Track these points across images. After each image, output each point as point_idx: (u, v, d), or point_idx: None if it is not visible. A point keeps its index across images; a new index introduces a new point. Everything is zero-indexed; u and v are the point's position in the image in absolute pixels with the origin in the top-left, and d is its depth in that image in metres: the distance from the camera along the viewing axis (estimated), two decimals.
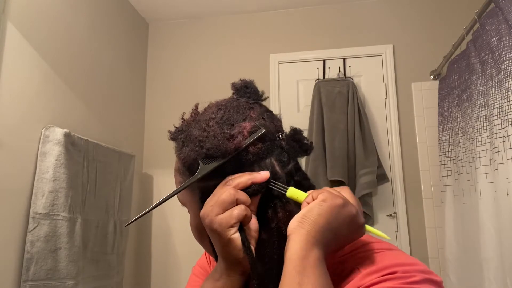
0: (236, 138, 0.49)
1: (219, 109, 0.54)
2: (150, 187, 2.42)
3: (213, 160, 0.49)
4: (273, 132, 0.53)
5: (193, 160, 0.50)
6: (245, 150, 0.50)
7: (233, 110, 0.53)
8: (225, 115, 0.52)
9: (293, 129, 0.57)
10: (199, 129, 0.52)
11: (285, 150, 0.54)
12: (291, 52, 2.45)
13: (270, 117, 0.55)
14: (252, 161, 0.50)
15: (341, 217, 0.46)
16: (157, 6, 2.47)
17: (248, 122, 0.51)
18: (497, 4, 1.39)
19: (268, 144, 0.52)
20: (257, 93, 0.58)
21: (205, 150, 0.49)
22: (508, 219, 1.30)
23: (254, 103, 0.56)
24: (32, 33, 1.55)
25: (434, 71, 2.22)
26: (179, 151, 0.53)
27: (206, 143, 0.49)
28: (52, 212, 1.49)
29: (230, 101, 0.56)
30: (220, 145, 0.49)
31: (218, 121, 0.52)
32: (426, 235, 2.10)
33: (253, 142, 0.50)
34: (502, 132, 1.34)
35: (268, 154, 0.52)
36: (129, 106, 2.36)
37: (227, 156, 0.49)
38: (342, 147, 2.07)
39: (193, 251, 2.06)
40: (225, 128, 0.51)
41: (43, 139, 1.54)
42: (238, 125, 0.51)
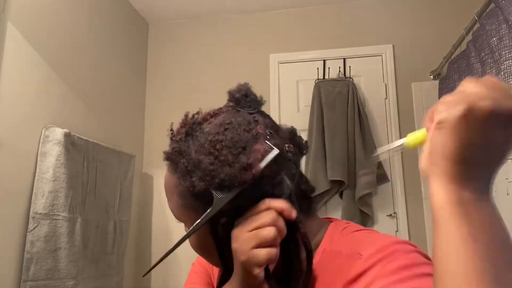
0: (254, 167, 0.46)
1: (225, 128, 0.49)
2: (150, 187, 2.42)
3: (228, 190, 0.47)
4: (281, 148, 0.50)
5: (203, 190, 0.48)
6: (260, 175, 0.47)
7: (239, 128, 0.49)
8: (234, 136, 0.48)
9: (290, 131, 0.56)
10: (206, 155, 0.48)
11: (292, 161, 0.52)
12: (291, 52, 2.45)
13: (274, 128, 0.53)
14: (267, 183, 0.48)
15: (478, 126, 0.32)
16: (157, 6, 2.47)
17: (260, 144, 0.48)
18: (497, 4, 1.39)
19: (279, 161, 0.49)
20: (257, 101, 0.55)
21: (219, 180, 0.46)
22: (508, 219, 1.29)
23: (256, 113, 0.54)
24: (32, 33, 1.55)
25: (434, 71, 2.22)
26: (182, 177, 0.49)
27: (220, 174, 0.46)
28: (52, 212, 1.49)
29: (232, 114, 0.52)
30: (236, 175, 0.46)
31: (228, 145, 0.48)
32: (426, 235, 2.10)
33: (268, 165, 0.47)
34: None
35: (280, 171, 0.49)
36: (129, 106, 2.36)
37: (243, 185, 0.46)
38: (342, 147, 2.07)
39: (193, 251, 2.06)
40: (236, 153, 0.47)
41: (43, 139, 1.54)
42: (251, 150, 0.48)
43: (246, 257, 0.45)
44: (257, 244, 0.45)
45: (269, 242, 0.45)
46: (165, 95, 2.55)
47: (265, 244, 0.45)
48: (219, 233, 0.50)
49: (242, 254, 0.45)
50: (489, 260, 0.30)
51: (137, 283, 2.30)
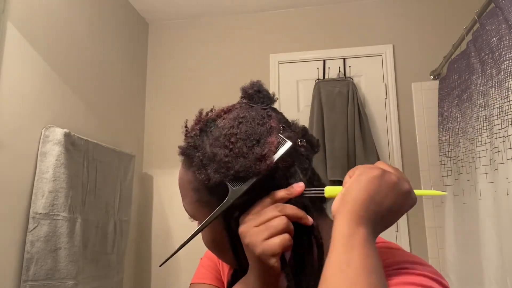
0: (268, 158, 0.47)
1: (239, 122, 0.51)
2: (150, 187, 2.42)
3: (243, 181, 0.47)
4: (294, 140, 0.51)
5: (219, 182, 0.48)
6: (275, 167, 0.48)
7: (253, 122, 0.51)
8: (248, 129, 0.49)
9: (303, 129, 0.56)
10: (221, 147, 0.49)
11: (305, 156, 0.53)
12: (291, 52, 2.45)
13: (287, 123, 0.54)
14: (281, 175, 0.49)
15: (384, 187, 0.43)
16: (157, 6, 2.47)
17: (274, 137, 0.49)
18: (497, 4, 1.39)
19: (293, 154, 0.50)
20: (270, 97, 0.56)
21: (234, 172, 0.47)
22: (508, 219, 1.30)
23: (269, 108, 0.55)
24: (32, 33, 1.55)
25: (434, 71, 2.22)
26: (198, 170, 0.50)
27: (235, 165, 0.47)
28: (52, 212, 1.48)
29: (245, 109, 0.53)
30: (251, 166, 0.47)
31: (242, 138, 0.49)
32: (426, 235, 2.10)
33: (281, 157, 0.48)
34: (502, 132, 1.34)
35: (293, 164, 0.50)
36: (129, 106, 2.36)
37: (258, 176, 0.47)
38: (342, 147, 2.07)
39: (193, 251, 2.06)
40: (251, 145, 0.48)
41: (43, 139, 1.54)
42: (265, 142, 0.48)
43: (261, 249, 0.45)
44: (269, 235, 0.45)
45: (281, 231, 0.45)
46: (165, 95, 2.55)
47: (277, 233, 0.45)
48: (233, 228, 0.50)
49: (256, 247, 0.45)
50: (357, 282, 0.37)
51: (137, 283, 2.30)
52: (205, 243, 0.56)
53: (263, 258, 0.45)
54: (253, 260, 0.47)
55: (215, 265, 0.69)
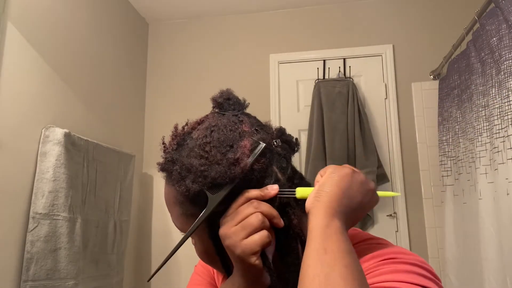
0: (242, 161, 0.48)
1: (211, 131, 0.51)
2: (150, 187, 2.42)
3: (220, 188, 0.48)
4: (269, 141, 0.52)
5: (198, 192, 0.49)
6: (250, 169, 0.49)
7: (225, 129, 0.51)
8: (220, 136, 0.50)
9: (278, 129, 0.57)
10: (196, 157, 0.49)
11: (282, 155, 0.53)
12: (291, 52, 2.45)
13: (261, 126, 0.55)
14: (258, 177, 0.50)
15: (354, 184, 0.48)
16: (157, 6, 2.47)
17: (247, 140, 0.50)
18: (497, 4, 1.39)
19: (268, 155, 0.51)
20: (240, 103, 0.57)
21: (210, 179, 0.48)
22: (508, 219, 1.30)
23: (241, 114, 0.55)
24: (32, 33, 1.55)
25: (434, 71, 2.22)
26: (178, 184, 0.50)
27: (211, 172, 0.48)
28: (52, 212, 1.48)
29: (217, 118, 0.54)
30: (226, 172, 0.47)
31: (216, 145, 0.50)
32: (426, 235, 2.10)
33: (256, 159, 0.49)
34: (502, 132, 1.34)
35: (270, 164, 0.51)
36: (129, 106, 2.36)
37: (235, 181, 0.48)
38: (342, 147, 2.07)
39: (193, 252, 2.06)
40: (224, 151, 0.49)
41: (43, 139, 1.54)
42: (238, 146, 0.49)
43: (240, 249, 0.45)
44: (246, 234, 0.46)
45: (258, 228, 0.46)
46: (165, 95, 2.55)
47: (255, 231, 0.46)
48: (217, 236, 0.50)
49: (236, 248, 0.46)
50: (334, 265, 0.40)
51: (137, 283, 2.30)
52: (198, 255, 0.57)
53: (243, 258, 0.46)
54: (235, 260, 0.48)
55: (209, 272, 0.69)
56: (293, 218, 0.50)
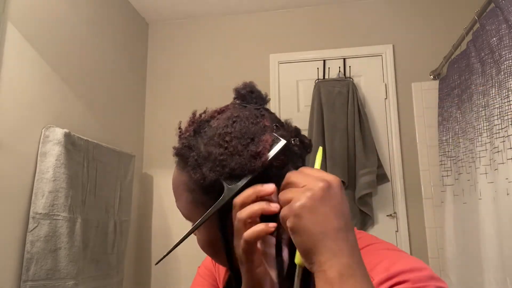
0: (263, 155, 0.47)
1: (233, 121, 0.51)
2: (150, 187, 2.42)
3: (236, 178, 0.47)
4: (288, 139, 0.51)
5: (214, 181, 0.48)
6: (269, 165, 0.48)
7: (247, 121, 0.51)
8: (242, 128, 0.50)
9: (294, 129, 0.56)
10: (216, 146, 0.49)
11: (299, 155, 0.53)
12: (291, 52, 2.45)
13: (280, 123, 0.54)
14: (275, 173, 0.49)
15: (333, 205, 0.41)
16: (157, 6, 2.47)
17: (269, 135, 0.49)
18: (497, 4, 1.39)
19: (287, 153, 0.50)
20: (262, 97, 0.56)
21: (229, 169, 0.47)
22: (508, 219, 1.30)
23: (262, 108, 0.55)
24: (32, 33, 1.55)
25: (434, 71, 2.22)
26: (192, 170, 0.50)
27: (230, 163, 0.47)
28: (52, 212, 1.48)
29: (238, 109, 0.54)
30: (246, 164, 0.47)
31: (237, 136, 0.49)
32: (426, 235, 2.10)
33: (276, 156, 0.48)
34: (502, 132, 1.34)
35: (287, 163, 0.50)
36: (129, 106, 2.36)
37: (254, 173, 0.47)
38: (342, 147, 2.07)
39: (193, 251, 2.06)
40: (246, 143, 0.48)
41: (43, 139, 1.54)
42: (259, 140, 0.49)
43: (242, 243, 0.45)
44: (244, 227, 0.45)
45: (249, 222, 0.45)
46: (165, 95, 2.55)
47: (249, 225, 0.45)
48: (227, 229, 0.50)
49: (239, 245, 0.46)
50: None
51: (137, 283, 2.30)
52: (199, 244, 0.56)
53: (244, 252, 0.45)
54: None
55: (212, 274, 0.69)
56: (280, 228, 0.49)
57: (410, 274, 0.45)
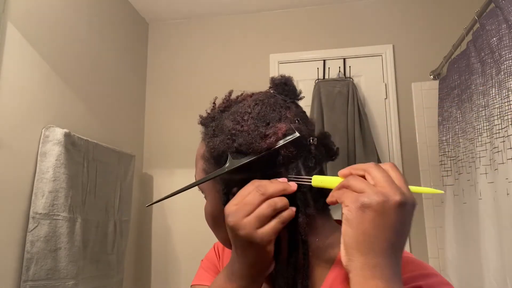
0: (270, 138, 0.48)
1: (256, 104, 0.53)
2: (150, 187, 2.42)
3: (242, 156, 0.49)
4: (305, 136, 0.52)
5: (222, 152, 0.50)
6: (276, 152, 0.49)
7: (270, 107, 0.52)
8: (261, 111, 0.51)
9: (322, 133, 0.57)
10: (233, 121, 0.51)
11: (313, 155, 0.53)
12: (291, 52, 2.45)
13: (304, 119, 0.55)
14: (281, 163, 0.49)
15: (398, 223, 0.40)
16: (157, 6, 2.47)
17: (284, 124, 0.50)
18: (497, 4, 1.39)
19: (299, 147, 0.50)
20: (295, 92, 0.58)
21: (237, 144, 0.49)
22: (508, 219, 1.30)
23: (291, 102, 0.56)
24: (32, 33, 1.55)
25: (434, 71, 2.22)
26: (209, 139, 0.53)
27: (239, 138, 0.49)
28: (52, 212, 1.48)
29: (267, 96, 0.55)
30: (252, 143, 0.48)
31: (254, 117, 0.51)
32: (426, 235, 2.10)
33: (285, 145, 0.49)
34: (502, 132, 1.34)
35: (298, 158, 0.50)
36: (129, 106, 2.36)
37: (257, 154, 0.48)
38: (342, 147, 2.07)
39: (193, 251, 2.06)
40: (260, 125, 0.50)
41: (43, 139, 1.54)
42: (273, 125, 0.50)
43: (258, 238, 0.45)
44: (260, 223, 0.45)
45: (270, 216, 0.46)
46: (165, 95, 2.55)
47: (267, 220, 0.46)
48: None
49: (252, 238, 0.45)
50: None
51: (137, 283, 2.30)
52: (205, 216, 0.58)
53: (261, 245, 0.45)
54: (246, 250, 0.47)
55: (215, 267, 0.69)
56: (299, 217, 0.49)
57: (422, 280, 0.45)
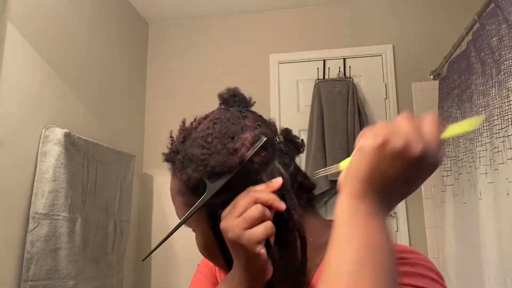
0: (240, 151, 0.49)
1: (214, 123, 0.53)
2: (150, 187, 2.42)
3: (219, 177, 0.49)
4: (271, 137, 0.53)
5: (198, 181, 0.50)
6: (250, 161, 0.49)
7: (228, 122, 0.53)
8: (222, 128, 0.52)
9: (284, 129, 0.58)
10: (198, 147, 0.51)
11: (284, 152, 0.54)
12: (291, 52, 2.45)
13: (264, 123, 0.56)
14: (258, 169, 0.50)
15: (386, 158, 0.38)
16: (157, 6, 2.47)
17: (248, 133, 0.51)
18: (497, 4, 1.39)
19: (270, 150, 0.52)
20: (245, 100, 0.58)
21: (210, 168, 0.49)
22: (508, 219, 1.30)
23: (245, 110, 0.56)
24: (32, 33, 1.55)
25: (434, 71, 2.22)
26: (180, 173, 0.52)
27: (210, 161, 0.49)
28: (52, 212, 1.48)
29: (221, 112, 0.55)
30: (225, 161, 0.48)
31: (217, 136, 0.51)
32: (426, 235, 2.10)
33: (257, 152, 0.50)
34: (502, 132, 1.34)
35: (272, 159, 0.52)
36: (129, 106, 2.36)
37: (234, 170, 0.49)
38: (342, 147, 2.07)
39: (193, 251, 2.06)
40: (226, 142, 0.50)
41: (43, 139, 1.54)
42: (239, 138, 0.50)
43: (246, 239, 0.46)
44: (248, 225, 0.46)
45: (260, 219, 0.46)
46: (165, 95, 2.55)
47: (256, 222, 0.46)
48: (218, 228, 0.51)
49: (240, 238, 0.46)
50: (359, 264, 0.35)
51: (137, 283, 2.30)
52: (199, 249, 0.57)
53: (248, 247, 0.46)
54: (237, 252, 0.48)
55: (212, 271, 0.69)
56: (293, 214, 0.50)
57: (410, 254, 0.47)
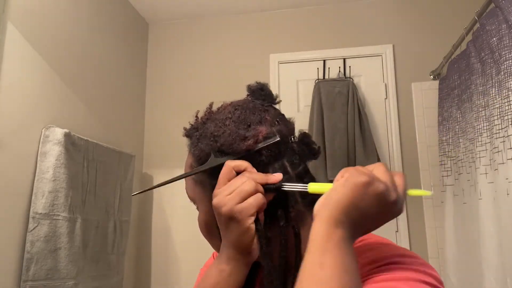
0: (249, 140, 0.51)
1: (235, 109, 0.55)
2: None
3: (224, 156, 0.51)
4: (286, 135, 0.54)
5: (207, 155, 0.53)
6: (258, 152, 0.51)
7: (249, 111, 0.55)
8: (241, 115, 0.54)
9: (302, 132, 0.59)
10: (215, 126, 0.54)
11: (296, 152, 0.55)
12: (291, 52, 2.45)
13: (283, 120, 0.57)
14: (265, 162, 0.52)
15: (368, 196, 0.42)
16: (157, 6, 2.47)
17: (264, 127, 0.53)
18: (497, 4, 1.39)
19: (282, 147, 0.53)
20: (272, 96, 0.60)
21: (219, 144, 0.51)
22: (508, 219, 1.30)
23: (268, 105, 0.58)
24: (32, 33, 1.55)
25: (434, 71, 2.22)
26: (194, 148, 0.55)
27: (221, 139, 0.52)
28: (52, 212, 1.48)
29: (246, 102, 0.58)
30: (232, 143, 0.51)
31: (235, 121, 0.53)
32: (426, 235, 2.10)
33: (267, 146, 0.51)
34: (502, 132, 1.34)
35: (281, 156, 0.53)
36: (129, 106, 2.36)
37: (237, 155, 0.51)
38: (342, 147, 2.07)
39: (193, 251, 2.05)
40: (240, 127, 0.52)
41: (43, 139, 1.54)
42: (254, 128, 0.52)
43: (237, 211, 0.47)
44: (242, 199, 0.48)
45: (253, 192, 0.48)
46: (165, 95, 2.55)
47: (249, 195, 0.48)
48: None
49: (232, 211, 0.47)
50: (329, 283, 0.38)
51: (137, 283, 2.30)
52: (199, 226, 0.59)
53: (241, 221, 0.47)
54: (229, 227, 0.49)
55: None
56: (291, 211, 0.52)
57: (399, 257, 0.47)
